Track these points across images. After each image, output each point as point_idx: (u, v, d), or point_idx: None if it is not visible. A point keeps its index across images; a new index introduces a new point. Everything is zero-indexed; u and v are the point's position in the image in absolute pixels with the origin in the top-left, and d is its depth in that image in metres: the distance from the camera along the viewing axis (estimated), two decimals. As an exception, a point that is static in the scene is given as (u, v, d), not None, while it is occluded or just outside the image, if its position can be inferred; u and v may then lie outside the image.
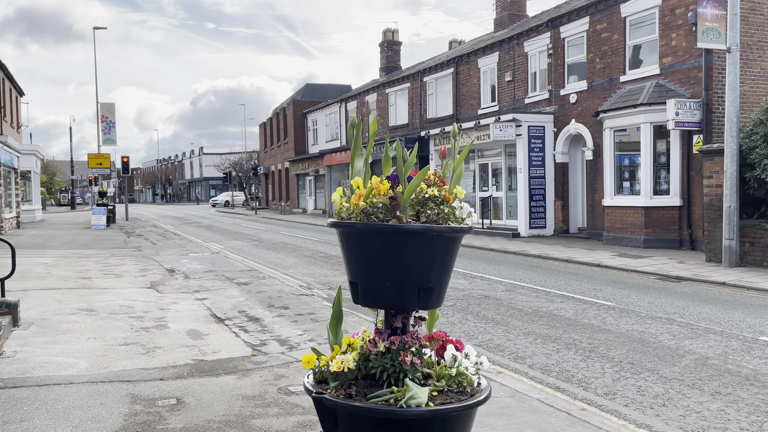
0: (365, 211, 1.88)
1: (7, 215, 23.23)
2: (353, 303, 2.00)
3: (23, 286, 10.32)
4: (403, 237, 1.86)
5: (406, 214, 1.89)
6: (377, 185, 1.91)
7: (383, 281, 1.91)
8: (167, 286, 10.89)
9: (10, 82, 31.73)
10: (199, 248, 18.08)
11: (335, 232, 1.93)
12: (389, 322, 1.98)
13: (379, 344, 1.94)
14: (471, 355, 1.98)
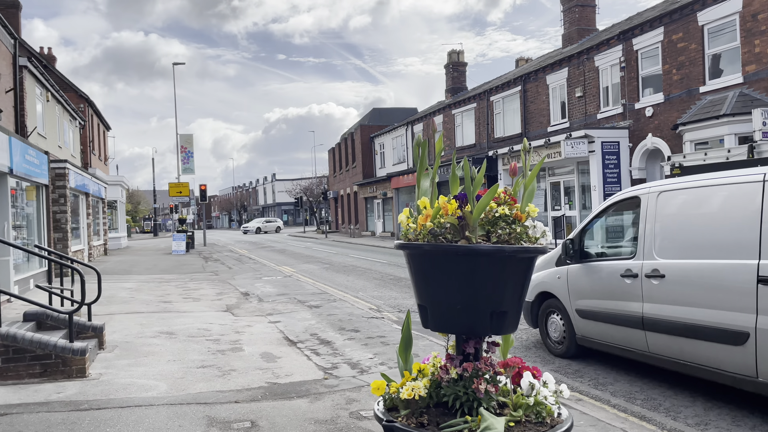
0: (433, 231, 1.82)
1: (96, 243, 24.69)
2: (423, 327, 1.93)
3: (109, 310, 10.86)
4: (474, 258, 1.78)
5: (476, 234, 1.82)
6: (445, 205, 1.85)
7: (453, 305, 1.84)
8: (242, 309, 11.16)
9: (98, 118, 33.99)
10: (272, 272, 18.50)
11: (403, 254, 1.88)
12: (461, 347, 1.90)
13: (450, 371, 1.86)
14: (549, 383, 1.87)
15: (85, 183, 20.86)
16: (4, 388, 5.74)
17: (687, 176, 5.82)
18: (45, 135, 18.98)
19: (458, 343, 1.93)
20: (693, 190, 5.56)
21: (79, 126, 27.43)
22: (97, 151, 32.82)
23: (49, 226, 15.60)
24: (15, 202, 13.19)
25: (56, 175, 16.90)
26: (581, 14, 25.82)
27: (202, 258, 25.11)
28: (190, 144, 35.50)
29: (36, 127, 16.76)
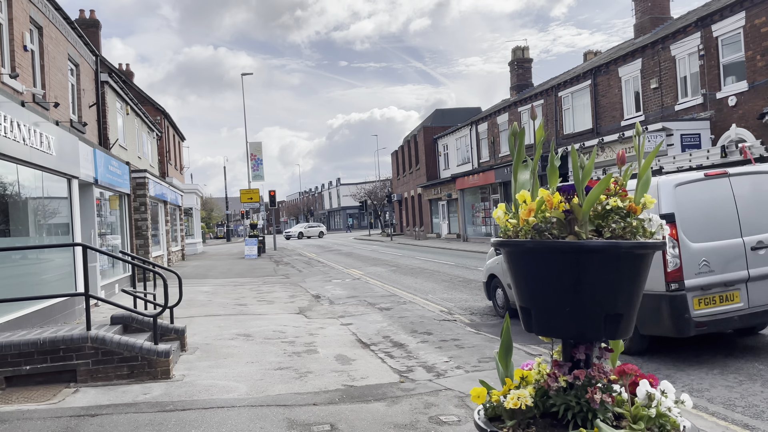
0: (537, 227, 1.68)
1: (174, 248, 25.72)
2: (526, 331, 1.79)
3: (189, 313, 11.22)
4: (585, 255, 1.64)
5: (586, 230, 1.66)
6: (549, 198, 1.71)
7: (562, 307, 1.70)
8: (314, 311, 11.26)
9: (174, 129, 35.46)
10: (340, 275, 18.65)
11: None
12: (569, 353, 1.76)
13: (559, 378, 1.71)
14: (669, 392, 1.69)
15: (163, 191, 21.77)
16: (94, 389, 5.99)
17: None
18: (126, 147, 19.93)
19: (566, 349, 1.79)
20: None
21: (157, 137, 28.68)
22: (173, 161, 34.23)
23: (131, 233, 16.34)
24: (100, 211, 13.88)
25: (137, 185, 17.72)
26: (654, 3, 24.68)
27: (273, 262, 25.67)
28: (259, 152, 36.44)
29: (117, 139, 17.63)
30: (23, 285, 8.77)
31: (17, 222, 8.90)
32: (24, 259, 9.07)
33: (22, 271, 9.03)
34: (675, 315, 6.35)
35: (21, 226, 9.07)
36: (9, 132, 7.81)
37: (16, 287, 8.41)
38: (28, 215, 9.31)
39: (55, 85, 12.62)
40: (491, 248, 10.49)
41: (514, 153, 1.89)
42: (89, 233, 12.52)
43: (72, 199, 10.94)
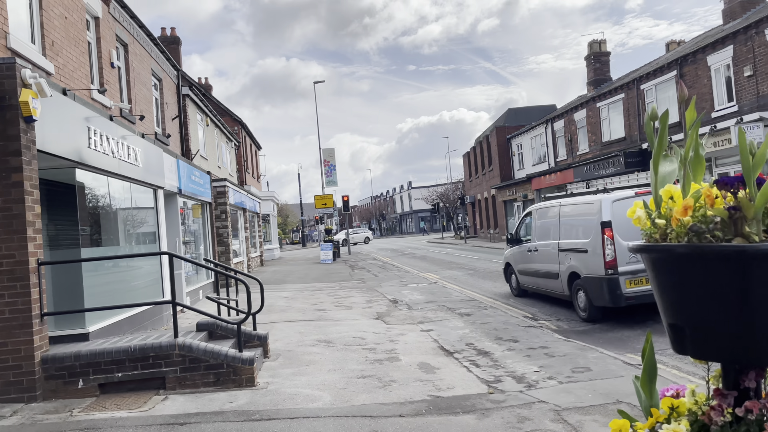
0: (695, 228, 1.38)
1: (253, 254, 26.38)
2: (676, 352, 1.49)
3: (270, 319, 11.33)
4: (758, 262, 1.33)
5: (758, 230, 1.35)
6: (709, 192, 1.41)
7: (727, 325, 1.39)
8: (393, 317, 11.09)
9: (251, 138, 36.51)
10: (416, 279, 18.43)
11: (642, 259, 1.49)
12: (733, 379, 1.45)
13: (725, 411, 1.41)
14: None
15: (242, 199, 22.36)
16: (182, 396, 6.04)
17: (552, 199, 11.83)
18: (206, 157, 20.61)
19: (728, 375, 1.48)
20: (548, 206, 11.48)
21: (235, 147, 29.58)
22: (251, 170, 35.23)
23: (213, 241, 16.82)
24: (184, 220, 14.33)
25: (217, 193, 18.26)
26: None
27: (348, 266, 25.81)
28: (332, 158, 36.90)
29: (198, 150, 18.24)
30: (116, 292, 9.10)
31: (108, 232, 9.25)
32: (116, 267, 9.43)
33: (115, 278, 9.38)
34: (611, 291, 9.09)
35: (112, 236, 9.43)
36: (98, 145, 8.12)
37: (109, 294, 8.74)
38: (118, 225, 9.68)
39: (140, 100, 13.15)
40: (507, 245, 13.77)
41: (654, 141, 1.60)
42: (174, 241, 12.94)
43: (158, 209, 11.31)
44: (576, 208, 10.45)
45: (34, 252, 6.07)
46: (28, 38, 8.09)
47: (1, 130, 5.91)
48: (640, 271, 8.83)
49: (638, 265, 8.86)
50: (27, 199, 6.01)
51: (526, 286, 12.41)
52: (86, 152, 7.74)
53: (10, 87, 5.94)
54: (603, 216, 9.24)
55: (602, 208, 9.33)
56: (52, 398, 6.00)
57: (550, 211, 11.34)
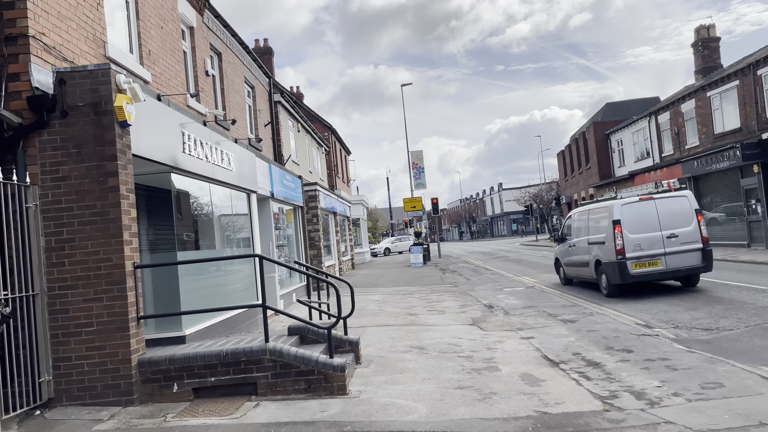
0: None
1: (344, 258, 26.53)
2: None
3: (361, 323, 11.10)
4: None
5: None
6: None
7: None
8: (489, 323, 10.51)
9: (340, 144, 36.96)
10: (511, 282, 17.64)
11: None
12: None
13: None
14: None
15: (332, 203, 22.52)
16: (273, 403, 5.85)
17: (586, 205, 14.46)
18: (298, 162, 20.90)
19: None
20: (582, 211, 14.16)
21: (325, 152, 29.99)
22: (341, 174, 35.63)
23: (305, 244, 16.94)
24: (277, 224, 14.48)
25: (309, 197, 18.42)
26: None
27: (439, 270, 25.33)
28: (420, 160, 36.58)
29: (290, 155, 18.50)
30: (213, 296, 9.20)
31: (204, 236, 9.38)
32: (213, 272, 9.55)
33: (212, 282, 9.49)
34: (621, 272, 11.95)
35: (208, 240, 9.55)
36: (193, 150, 8.20)
37: (206, 298, 8.82)
38: (213, 229, 9.80)
39: (233, 107, 13.41)
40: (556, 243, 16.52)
41: None
42: (267, 245, 13.05)
43: (251, 213, 11.41)
44: (598, 210, 13.24)
45: (130, 255, 6.12)
46: (126, 48, 8.33)
47: (98, 135, 6.00)
48: (643, 257, 12.00)
49: (641, 252, 12.00)
50: (123, 203, 6.06)
51: (570, 275, 15.37)
52: (181, 157, 7.82)
53: (106, 92, 6.02)
54: (614, 216, 12.19)
55: (614, 209, 12.27)
56: (148, 402, 6.00)
57: (582, 214, 14.30)
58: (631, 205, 12.20)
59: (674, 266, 11.99)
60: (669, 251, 11.98)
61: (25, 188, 5.88)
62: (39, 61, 6.00)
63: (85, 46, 6.94)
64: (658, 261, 11.97)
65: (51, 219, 5.99)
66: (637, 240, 11.97)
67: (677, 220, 12.12)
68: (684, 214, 12.18)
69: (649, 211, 12.15)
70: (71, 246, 5.97)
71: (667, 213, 12.14)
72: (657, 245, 11.99)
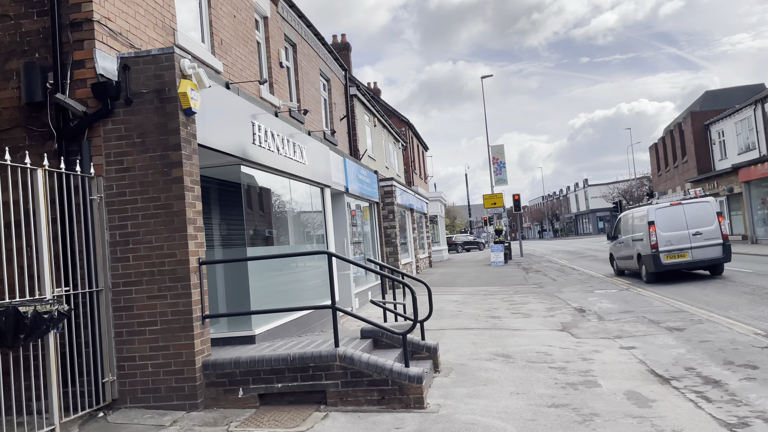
0: None
1: (421, 255, 25.89)
2: None
3: (439, 325, 10.43)
4: None
5: None
6: None
7: None
8: (581, 329, 9.55)
9: (417, 139, 36.33)
10: (603, 284, 16.36)
11: None
12: None
13: None
14: None
15: (409, 200, 21.93)
16: (344, 415, 5.31)
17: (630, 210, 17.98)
18: (374, 157, 20.47)
19: None
20: (626, 214, 17.60)
21: (402, 148, 29.46)
22: (418, 170, 35.01)
23: (381, 241, 16.44)
24: (353, 220, 14.06)
25: (384, 193, 17.92)
26: None
27: (521, 269, 24.18)
28: (501, 155, 35.33)
29: (366, 150, 18.08)
30: (286, 293, 8.84)
31: (277, 231, 9.04)
32: (290, 268, 9.20)
33: (285, 280, 9.14)
34: (655, 263, 14.69)
35: (282, 236, 9.21)
36: (263, 142, 7.84)
37: (278, 296, 8.48)
38: (287, 224, 9.46)
39: (307, 99, 13.09)
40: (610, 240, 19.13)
41: None
42: (342, 241, 12.64)
43: (325, 208, 11.01)
44: (638, 213, 16.14)
45: (195, 251, 5.78)
46: (197, 36, 8.08)
47: (161, 124, 5.69)
48: (673, 250, 14.56)
49: (671, 247, 14.57)
50: (187, 195, 5.72)
51: (620, 267, 17.98)
52: (251, 149, 7.47)
53: (170, 78, 5.69)
54: (650, 218, 14.89)
55: (650, 213, 15.04)
56: (213, 407, 5.63)
57: (627, 217, 17.25)
58: (664, 209, 15.01)
59: (699, 258, 14.70)
60: (694, 246, 14.60)
61: (89, 179, 5.65)
62: (104, 47, 5.76)
63: (153, 33, 6.69)
64: (686, 253, 14.63)
65: (116, 212, 5.73)
66: (668, 237, 14.66)
67: (701, 221, 14.72)
68: (707, 216, 14.81)
69: (678, 214, 14.86)
70: (135, 240, 5.69)
71: (693, 215, 14.79)
72: (684, 241, 14.62)
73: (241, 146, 7.25)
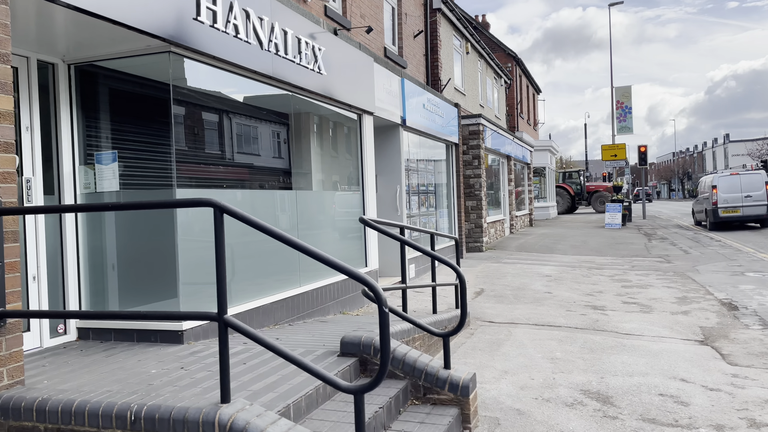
0: None
1: (519, 213, 22.17)
2: None
3: (511, 315, 7.22)
4: None
5: None
6: None
7: None
8: (736, 342, 5.95)
9: (528, 79, 31.79)
10: (756, 263, 12.07)
11: None
12: None
13: None
14: None
15: (505, 145, 18.25)
16: None
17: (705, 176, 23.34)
18: (463, 91, 16.94)
19: None
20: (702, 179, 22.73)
21: (505, 85, 25.40)
22: (526, 114, 30.70)
23: (458, 193, 13.18)
24: (413, 165, 10.95)
25: (470, 133, 14.48)
26: None
27: (642, 234, 19.83)
28: (627, 98, 30.03)
29: (450, 79, 14.63)
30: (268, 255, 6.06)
31: (258, 170, 6.19)
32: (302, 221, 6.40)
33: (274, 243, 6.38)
34: (715, 215, 19.38)
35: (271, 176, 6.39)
36: (220, 19, 4.89)
37: (253, 268, 5.70)
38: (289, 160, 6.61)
39: (363, 5, 9.90)
40: None
41: None
42: (393, 190, 9.60)
43: (363, 143, 8.00)
44: (708, 179, 20.83)
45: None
46: None
47: None
48: (728, 207, 19.08)
49: (727, 204, 19.12)
50: None
51: (697, 219, 22.52)
52: (191, 27, 4.58)
53: None
54: (713, 183, 19.56)
55: (714, 179, 19.80)
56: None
57: (702, 180, 21.94)
58: (724, 177, 19.62)
59: (747, 213, 18.95)
60: (745, 205, 18.88)
61: None
62: None
63: None
64: (738, 210, 18.94)
65: None
66: (725, 197, 19.04)
67: (753, 187, 19.02)
68: (757, 184, 19.04)
69: (735, 181, 19.22)
70: None
71: (746, 182, 19.08)
72: (737, 201, 18.93)
73: (176, 21, 4.38)
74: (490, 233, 16.61)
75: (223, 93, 5.53)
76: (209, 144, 5.27)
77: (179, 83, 4.77)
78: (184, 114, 4.91)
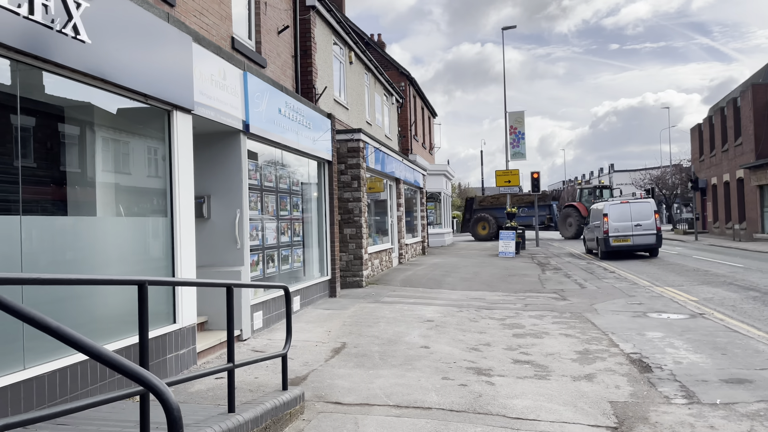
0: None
1: (410, 240, 20.52)
2: None
3: (368, 389, 5.22)
4: None
5: None
6: None
7: None
8: (661, 429, 4.27)
9: (422, 100, 30.76)
10: (658, 300, 10.96)
11: None
12: None
13: None
14: None
15: (392, 165, 16.56)
16: None
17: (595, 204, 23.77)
18: (346, 105, 15.11)
19: None
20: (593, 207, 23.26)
21: (397, 104, 23.99)
22: (421, 137, 29.53)
23: (332, 219, 11.17)
24: (268, 182, 8.85)
25: (348, 150, 12.58)
26: None
27: (536, 264, 18.81)
28: (521, 124, 29.71)
29: (326, 87, 12.70)
30: None
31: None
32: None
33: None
34: (606, 244, 19.57)
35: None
36: None
37: None
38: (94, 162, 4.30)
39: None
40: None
41: None
42: (231, 215, 7.41)
43: (172, 149, 5.79)
44: (599, 207, 21.29)
45: None
46: None
47: None
48: (619, 236, 19.37)
49: (618, 233, 19.41)
50: None
51: (589, 247, 22.80)
52: None
53: None
54: (604, 211, 19.83)
55: (605, 207, 20.04)
56: None
57: (594, 209, 22.47)
58: (615, 206, 19.99)
59: (638, 243, 19.50)
60: (635, 234, 19.39)
61: None
62: None
63: None
64: (628, 239, 19.42)
65: None
66: (616, 226, 19.51)
67: (642, 215, 19.58)
68: (646, 213, 19.63)
69: (626, 209, 19.73)
70: None
71: (636, 211, 19.64)
72: (628, 230, 19.44)
73: None
74: (374, 264, 14.73)
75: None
76: None
77: None
78: None
